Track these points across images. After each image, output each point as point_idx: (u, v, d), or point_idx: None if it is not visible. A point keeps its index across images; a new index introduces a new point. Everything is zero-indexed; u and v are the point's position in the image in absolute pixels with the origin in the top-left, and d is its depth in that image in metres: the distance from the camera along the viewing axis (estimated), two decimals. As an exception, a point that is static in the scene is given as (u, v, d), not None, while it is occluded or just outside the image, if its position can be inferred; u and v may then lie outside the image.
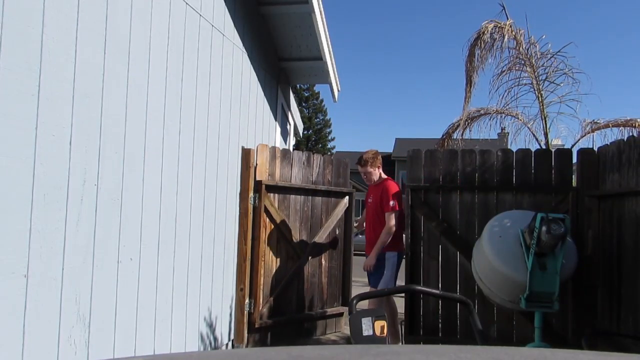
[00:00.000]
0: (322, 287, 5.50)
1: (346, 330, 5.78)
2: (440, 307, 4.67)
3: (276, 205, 4.93)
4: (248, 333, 4.71)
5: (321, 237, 5.40)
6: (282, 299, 5.07)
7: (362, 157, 4.69)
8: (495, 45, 6.73)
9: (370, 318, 1.74)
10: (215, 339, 4.23)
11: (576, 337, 4.17)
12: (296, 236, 5.12)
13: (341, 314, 5.63)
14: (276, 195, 4.96)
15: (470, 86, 6.91)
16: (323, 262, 5.48)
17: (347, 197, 5.79)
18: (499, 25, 6.72)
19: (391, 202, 4.47)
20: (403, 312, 4.82)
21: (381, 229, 4.45)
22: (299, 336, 5.20)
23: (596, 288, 4.12)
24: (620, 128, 6.72)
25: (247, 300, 4.68)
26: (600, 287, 4.08)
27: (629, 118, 6.74)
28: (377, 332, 1.73)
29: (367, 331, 1.74)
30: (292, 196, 5.12)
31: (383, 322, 1.75)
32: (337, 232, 5.63)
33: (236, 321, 4.66)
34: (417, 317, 4.70)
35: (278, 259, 5.02)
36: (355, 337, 1.74)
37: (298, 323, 5.26)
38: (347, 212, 5.79)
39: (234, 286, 4.65)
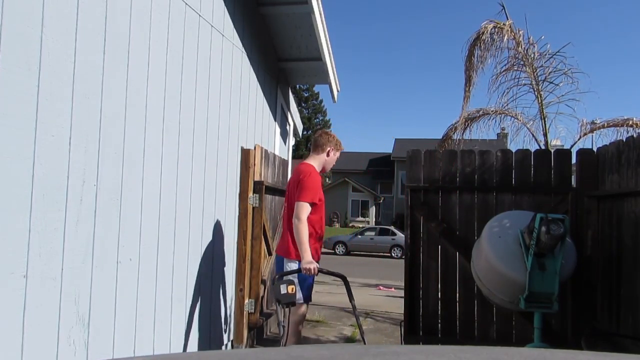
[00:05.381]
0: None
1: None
2: (439, 308, 4.66)
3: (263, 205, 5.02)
4: (248, 333, 4.70)
5: (278, 234, 5.56)
6: (267, 298, 5.25)
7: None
8: (494, 46, 6.73)
9: (285, 284, 3.14)
10: (215, 339, 4.22)
11: (575, 338, 4.17)
12: (269, 234, 5.22)
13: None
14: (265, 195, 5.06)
15: (470, 86, 6.91)
16: None
17: None
18: (499, 25, 6.72)
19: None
20: (403, 312, 4.82)
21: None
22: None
23: (595, 288, 4.12)
24: (618, 127, 6.72)
25: (246, 301, 4.68)
26: (600, 287, 4.07)
27: (625, 117, 6.74)
28: (289, 292, 3.13)
29: (283, 291, 3.12)
30: (269, 196, 5.20)
31: (292, 286, 3.16)
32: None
33: (236, 322, 4.66)
34: (416, 317, 4.70)
35: (266, 259, 5.12)
36: (277, 295, 3.13)
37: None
38: None
39: (234, 286, 4.64)
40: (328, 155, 3.69)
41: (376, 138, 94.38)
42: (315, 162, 3.67)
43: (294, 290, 3.12)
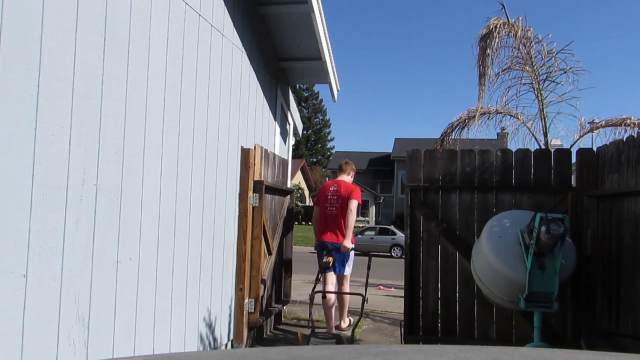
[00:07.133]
0: (274, 283, 5.75)
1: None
2: (439, 307, 4.66)
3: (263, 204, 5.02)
4: (248, 333, 4.71)
5: (278, 233, 5.63)
6: (267, 297, 5.32)
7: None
8: (506, 42, 6.73)
9: (325, 255, 4.69)
10: (214, 339, 4.23)
11: (575, 337, 4.17)
12: (269, 234, 5.23)
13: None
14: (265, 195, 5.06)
15: (484, 80, 6.86)
16: (277, 258, 5.65)
17: (289, 196, 6.07)
18: (510, 22, 6.71)
19: None
20: (403, 312, 4.82)
21: None
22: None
23: (595, 288, 4.12)
24: (616, 127, 6.70)
25: (246, 300, 4.68)
26: (600, 287, 4.07)
27: (623, 117, 6.73)
28: (329, 261, 4.70)
29: (324, 259, 4.65)
30: (269, 196, 5.20)
31: (331, 258, 4.81)
32: (282, 229, 5.84)
33: (235, 321, 4.66)
34: (416, 317, 4.70)
35: (266, 258, 5.14)
36: (319, 262, 4.75)
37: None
38: (290, 209, 6.13)
39: (234, 286, 4.65)
40: (351, 177, 5.83)
41: (376, 138, 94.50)
42: (348, 179, 5.72)
43: (330, 259, 4.77)
